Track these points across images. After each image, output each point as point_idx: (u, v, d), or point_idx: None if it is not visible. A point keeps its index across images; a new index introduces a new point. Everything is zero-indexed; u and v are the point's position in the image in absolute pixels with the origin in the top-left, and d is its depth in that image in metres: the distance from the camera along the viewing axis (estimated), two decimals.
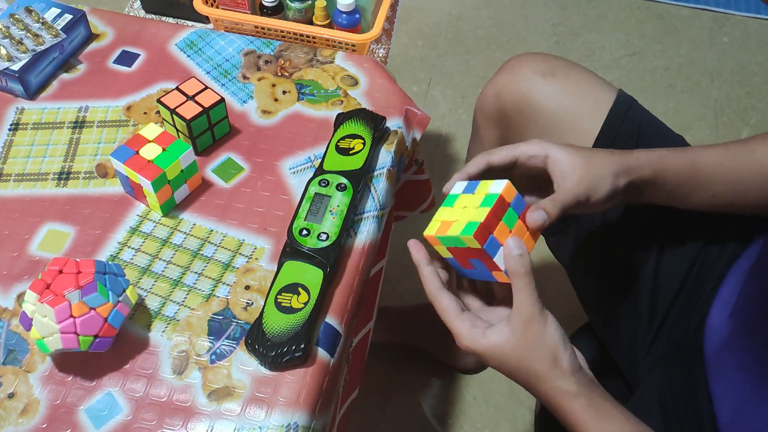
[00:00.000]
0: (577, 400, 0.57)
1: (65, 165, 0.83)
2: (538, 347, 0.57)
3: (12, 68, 0.86)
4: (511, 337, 0.57)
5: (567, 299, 1.36)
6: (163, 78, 0.91)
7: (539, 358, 0.57)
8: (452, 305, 0.60)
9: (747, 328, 0.66)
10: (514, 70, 0.85)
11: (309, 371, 0.67)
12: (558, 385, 0.57)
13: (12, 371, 0.67)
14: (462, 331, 0.59)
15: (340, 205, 0.75)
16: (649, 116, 0.84)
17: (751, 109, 1.72)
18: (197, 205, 0.80)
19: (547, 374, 0.57)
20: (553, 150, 0.65)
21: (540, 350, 0.57)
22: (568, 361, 0.57)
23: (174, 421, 0.64)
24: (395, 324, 1.26)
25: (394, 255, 0.95)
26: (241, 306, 0.72)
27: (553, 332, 0.57)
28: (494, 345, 0.58)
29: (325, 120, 0.88)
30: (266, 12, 1.12)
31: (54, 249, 0.75)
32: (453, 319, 0.60)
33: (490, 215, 0.58)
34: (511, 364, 0.58)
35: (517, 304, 0.57)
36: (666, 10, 1.94)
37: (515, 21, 1.90)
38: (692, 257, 0.78)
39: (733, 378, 0.67)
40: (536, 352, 0.57)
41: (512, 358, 0.58)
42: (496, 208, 0.59)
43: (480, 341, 0.58)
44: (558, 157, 0.65)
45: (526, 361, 0.57)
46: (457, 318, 0.59)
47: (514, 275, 0.57)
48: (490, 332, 0.58)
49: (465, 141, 1.40)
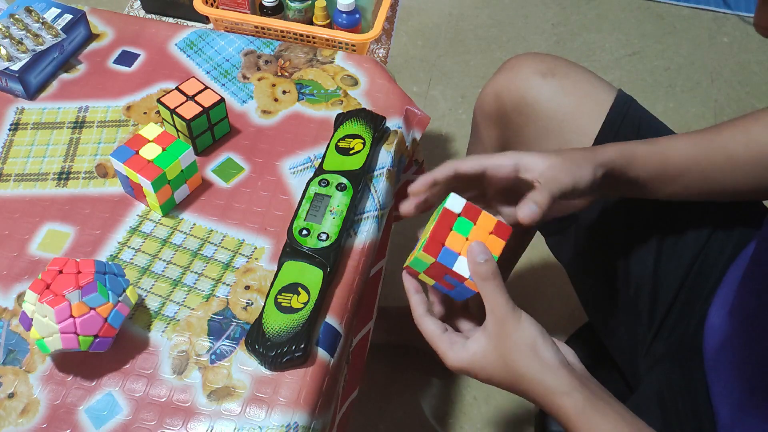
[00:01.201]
0: (569, 398, 0.56)
1: (65, 165, 0.83)
2: (515, 344, 0.56)
3: (12, 68, 0.86)
4: (488, 341, 0.58)
5: (567, 299, 1.36)
6: (163, 78, 0.91)
7: (519, 355, 0.56)
8: (433, 328, 0.60)
9: (745, 327, 0.66)
10: (513, 70, 0.85)
11: (309, 371, 0.67)
12: (547, 384, 0.56)
13: (12, 371, 0.67)
14: (444, 349, 0.59)
15: (340, 205, 0.75)
16: (649, 116, 0.84)
17: (751, 109, 1.71)
18: (197, 205, 0.80)
19: (531, 371, 0.56)
20: (524, 158, 0.65)
21: (517, 347, 0.56)
22: (551, 355, 0.56)
23: (174, 421, 0.64)
24: (395, 324, 1.26)
25: (394, 255, 0.95)
26: (241, 306, 0.72)
27: (528, 327, 0.57)
28: (475, 354, 0.58)
29: (325, 120, 0.88)
30: (266, 12, 1.12)
31: (54, 249, 0.75)
32: (436, 340, 0.60)
33: (436, 228, 0.60)
34: (495, 371, 0.58)
35: (488, 309, 0.58)
36: (666, 10, 1.94)
37: (515, 21, 1.90)
38: (692, 256, 0.79)
39: (732, 377, 0.67)
40: (514, 350, 0.56)
41: (494, 363, 0.58)
42: (441, 220, 0.60)
43: (462, 356, 0.59)
44: (530, 162, 0.65)
45: (508, 363, 0.57)
46: (439, 339, 0.60)
47: (480, 281, 0.58)
48: (469, 343, 0.59)
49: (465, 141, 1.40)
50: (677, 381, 0.74)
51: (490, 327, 0.58)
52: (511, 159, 0.65)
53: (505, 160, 0.65)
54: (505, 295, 0.57)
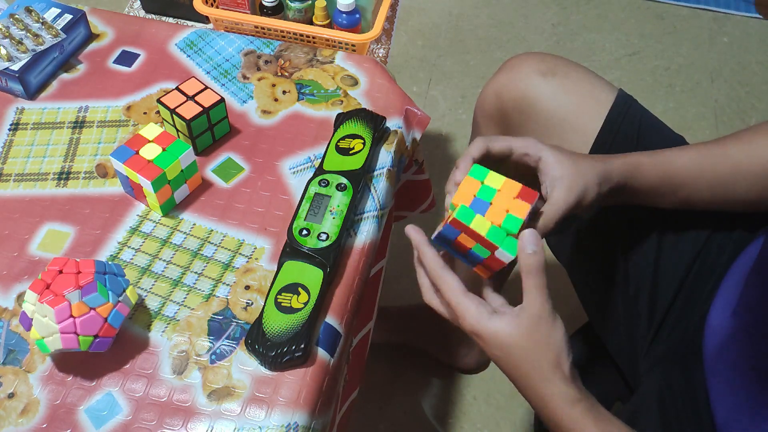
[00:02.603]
0: (579, 405, 0.57)
1: (65, 165, 0.83)
2: (543, 348, 0.56)
3: (12, 68, 0.86)
4: (517, 331, 0.57)
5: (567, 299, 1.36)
6: (163, 78, 0.91)
7: (543, 359, 0.57)
8: (458, 284, 0.59)
9: (747, 328, 0.66)
10: (514, 70, 0.85)
11: (309, 371, 0.67)
12: (560, 390, 0.57)
13: (12, 371, 0.67)
14: (469, 308, 0.58)
15: (340, 205, 0.75)
16: (649, 116, 0.84)
17: (751, 109, 1.72)
18: (197, 205, 0.80)
19: (548, 376, 0.57)
20: (545, 153, 0.66)
21: (544, 352, 0.56)
22: (569, 368, 0.57)
23: (174, 421, 0.64)
24: (395, 324, 1.26)
25: (394, 255, 0.95)
26: (241, 306, 0.72)
27: (560, 338, 0.57)
28: (498, 333, 0.57)
29: (325, 120, 0.88)
30: (266, 12, 1.12)
31: (54, 249, 0.75)
32: (459, 297, 0.59)
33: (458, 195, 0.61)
34: (512, 359, 0.58)
35: (528, 301, 0.57)
36: (666, 10, 1.94)
37: (515, 21, 1.90)
38: (692, 257, 0.79)
39: (730, 378, 0.67)
40: (540, 353, 0.57)
41: (515, 353, 0.57)
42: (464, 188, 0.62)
43: (486, 324, 0.58)
44: (549, 161, 0.65)
45: (529, 360, 0.57)
46: (463, 296, 0.59)
47: (525, 273, 0.57)
48: (496, 318, 0.58)
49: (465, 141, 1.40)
50: (677, 381, 0.74)
51: (523, 319, 0.57)
52: (536, 151, 0.66)
53: (531, 149, 0.66)
54: (545, 293, 0.57)
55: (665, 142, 0.82)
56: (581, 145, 0.81)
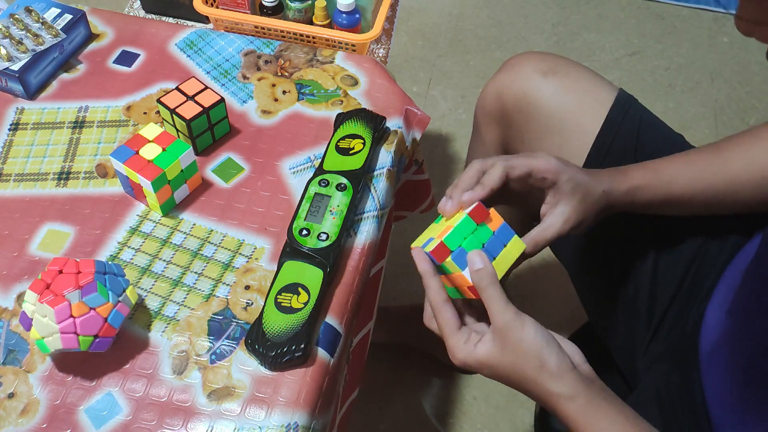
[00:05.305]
0: (573, 402, 0.56)
1: (65, 165, 0.83)
2: (520, 356, 0.57)
3: (12, 68, 0.86)
4: (494, 350, 0.58)
5: (567, 299, 1.36)
6: (163, 78, 0.91)
7: (524, 365, 0.57)
8: (453, 320, 0.61)
9: (741, 327, 0.66)
10: (514, 69, 0.85)
11: (309, 371, 0.67)
12: (550, 388, 0.57)
13: (12, 371, 0.67)
14: (458, 345, 0.60)
15: (340, 205, 0.75)
16: (650, 115, 0.84)
17: (751, 109, 1.72)
18: (197, 205, 0.80)
19: (536, 378, 0.57)
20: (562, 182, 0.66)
21: (523, 358, 0.57)
22: (555, 362, 0.56)
23: (174, 421, 0.64)
24: (395, 324, 1.26)
25: (394, 255, 0.95)
26: (241, 306, 0.72)
27: (533, 335, 0.57)
28: (481, 360, 0.59)
29: (325, 120, 0.88)
30: (266, 12, 1.12)
31: (54, 249, 0.75)
32: (451, 333, 0.60)
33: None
34: (502, 376, 0.59)
35: (491, 316, 0.58)
36: (666, 10, 1.94)
37: (515, 21, 1.90)
38: (690, 256, 0.79)
39: (725, 377, 0.67)
40: (520, 361, 0.57)
41: (501, 370, 0.58)
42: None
43: (473, 356, 0.59)
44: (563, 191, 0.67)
45: (515, 370, 0.58)
46: (455, 333, 0.60)
47: (479, 289, 0.59)
48: (479, 346, 0.59)
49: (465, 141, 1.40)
50: (675, 380, 0.74)
51: (496, 336, 0.58)
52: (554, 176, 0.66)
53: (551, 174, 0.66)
54: (504, 302, 0.58)
55: (665, 142, 0.82)
56: (582, 144, 0.81)
